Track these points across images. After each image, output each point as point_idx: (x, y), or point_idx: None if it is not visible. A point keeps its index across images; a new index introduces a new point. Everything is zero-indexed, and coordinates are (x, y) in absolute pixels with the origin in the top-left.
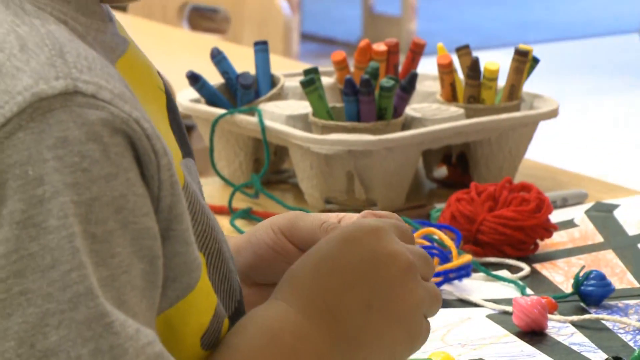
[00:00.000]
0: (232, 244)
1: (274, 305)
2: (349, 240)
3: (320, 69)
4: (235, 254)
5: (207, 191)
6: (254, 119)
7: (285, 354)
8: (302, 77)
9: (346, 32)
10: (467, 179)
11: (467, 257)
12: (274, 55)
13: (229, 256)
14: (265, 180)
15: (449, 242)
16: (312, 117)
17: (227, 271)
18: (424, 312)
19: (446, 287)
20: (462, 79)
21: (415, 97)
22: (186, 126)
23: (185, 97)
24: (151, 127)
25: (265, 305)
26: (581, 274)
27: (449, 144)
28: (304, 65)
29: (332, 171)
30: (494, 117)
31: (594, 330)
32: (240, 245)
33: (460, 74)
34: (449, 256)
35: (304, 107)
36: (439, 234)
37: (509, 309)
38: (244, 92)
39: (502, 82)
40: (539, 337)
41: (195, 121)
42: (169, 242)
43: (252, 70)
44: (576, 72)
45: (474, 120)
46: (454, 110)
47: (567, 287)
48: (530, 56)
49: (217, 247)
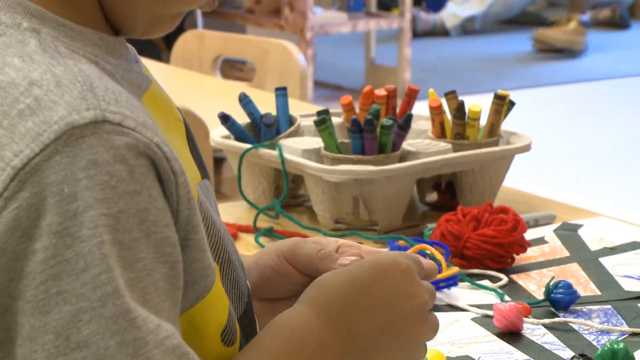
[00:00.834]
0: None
1: (303, 311)
2: (381, 271)
3: (330, 110)
4: None
5: (235, 213)
6: (275, 153)
7: (308, 357)
8: (315, 118)
9: (352, 80)
10: (454, 203)
11: (454, 269)
12: (291, 99)
13: (238, 265)
14: (284, 204)
15: (439, 256)
16: (324, 151)
17: (236, 277)
18: (424, 340)
19: (437, 295)
20: (449, 119)
21: (410, 134)
22: (218, 158)
23: (217, 134)
24: (170, 151)
25: (294, 311)
26: (551, 284)
27: (439, 173)
28: (317, 107)
29: (340, 196)
30: (477, 151)
31: (563, 331)
32: (249, 266)
33: (448, 115)
34: (440, 268)
35: (317, 142)
36: (430, 250)
37: (490, 313)
38: (266, 130)
39: (483, 121)
40: (515, 337)
41: (226, 154)
42: (187, 250)
43: (274, 111)
44: (546, 113)
45: (460, 153)
46: (443, 145)
47: (539, 294)
48: (507, 100)
49: (227, 256)
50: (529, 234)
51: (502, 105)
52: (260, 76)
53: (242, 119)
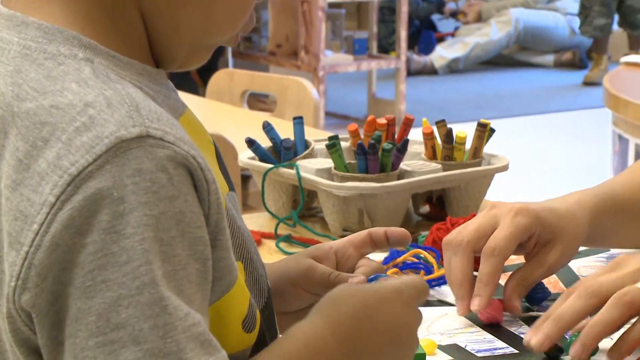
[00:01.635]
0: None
1: (319, 325)
2: (386, 299)
3: (339, 136)
4: None
5: (258, 222)
6: (293, 172)
7: None
8: (326, 142)
9: (357, 111)
10: (444, 214)
11: (444, 270)
12: (307, 126)
13: (259, 265)
14: (300, 214)
15: (431, 259)
16: (334, 170)
17: (257, 275)
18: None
19: (429, 291)
20: (440, 143)
21: (406, 156)
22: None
23: (245, 156)
24: (204, 162)
25: (311, 323)
26: None
27: (431, 189)
28: (328, 133)
29: (348, 208)
30: (463, 170)
31: None
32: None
33: (438, 140)
34: (432, 269)
35: (329, 163)
36: (424, 254)
37: None
38: (286, 153)
39: (468, 145)
40: (496, 328)
41: (251, 172)
42: (216, 249)
43: (292, 137)
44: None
45: (448, 172)
46: (435, 165)
47: None
48: (488, 127)
49: (249, 256)
50: None
51: (484, 132)
52: (280, 107)
53: (265, 143)
